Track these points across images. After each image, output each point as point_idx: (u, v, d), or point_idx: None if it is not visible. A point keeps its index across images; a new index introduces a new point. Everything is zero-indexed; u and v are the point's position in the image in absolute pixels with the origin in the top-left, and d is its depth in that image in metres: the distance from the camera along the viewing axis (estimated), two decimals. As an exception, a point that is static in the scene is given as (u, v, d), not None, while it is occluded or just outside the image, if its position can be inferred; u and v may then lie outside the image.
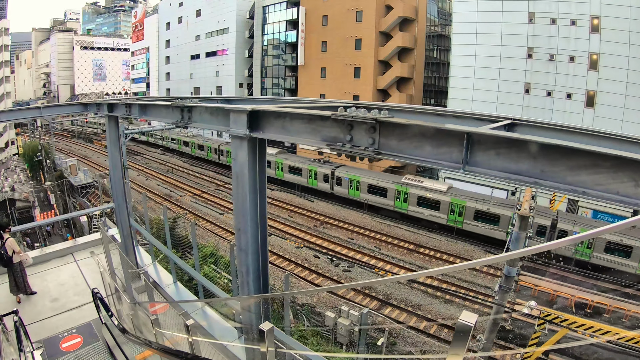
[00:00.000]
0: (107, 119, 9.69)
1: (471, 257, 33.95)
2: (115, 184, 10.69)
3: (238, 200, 5.49)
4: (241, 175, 5.34)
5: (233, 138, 5.28)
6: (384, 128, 3.83)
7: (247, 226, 5.51)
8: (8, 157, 70.05)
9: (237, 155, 5.32)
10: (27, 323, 9.56)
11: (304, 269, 31.45)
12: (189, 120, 6.36)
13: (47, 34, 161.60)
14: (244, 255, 5.68)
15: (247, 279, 5.80)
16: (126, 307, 9.59)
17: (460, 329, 2.70)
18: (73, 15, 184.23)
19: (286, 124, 4.68)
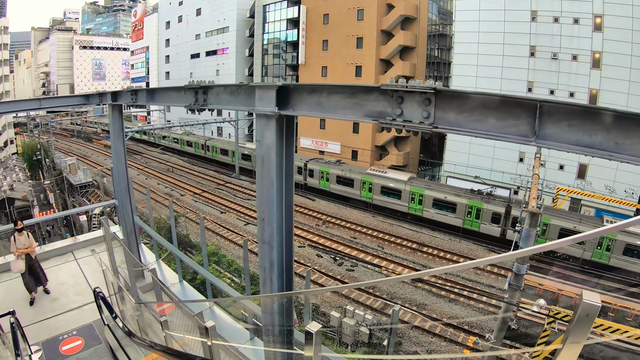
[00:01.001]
0: (111, 108, 9.29)
1: (474, 256, 33.77)
2: (118, 177, 10.24)
3: (263, 186, 5.03)
4: (267, 158, 4.89)
5: (258, 117, 4.84)
6: (440, 100, 3.48)
7: (272, 216, 5.05)
8: (7, 156, 69.66)
9: (264, 136, 4.85)
10: (25, 324, 9.12)
11: (307, 268, 30.94)
12: (204, 103, 5.90)
13: (47, 34, 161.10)
14: (268, 249, 5.21)
15: (270, 275, 5.33)
16: (130, 308, 9.14)
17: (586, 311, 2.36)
18: (72, 14, 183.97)
19: (322, 100, 4.29)
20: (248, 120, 71.82)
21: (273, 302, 5.36)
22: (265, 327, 5.61)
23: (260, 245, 5.33)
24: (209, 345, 5.00)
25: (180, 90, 6.44)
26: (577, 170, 41.55)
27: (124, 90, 8.59)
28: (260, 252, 5.41)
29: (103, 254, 13.14)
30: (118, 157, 10.11)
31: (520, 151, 44.65)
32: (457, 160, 48.95)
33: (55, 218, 42.38)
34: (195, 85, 5.91)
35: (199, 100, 5.98)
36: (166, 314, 8.02)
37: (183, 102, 6.31)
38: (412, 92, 3.56)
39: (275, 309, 5.34)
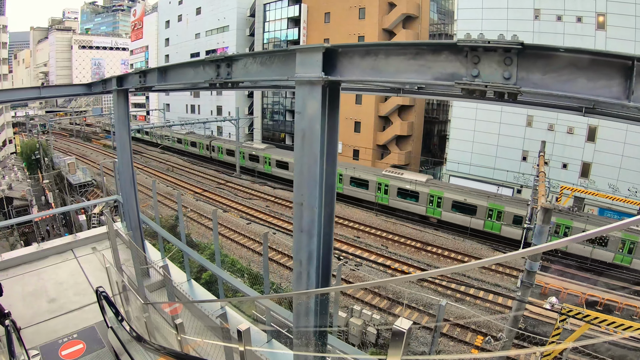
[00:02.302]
0: (116, 94, 8.75)
1: (479, 255, 33.49)
2: (123, 169, 9.68)
3: (302, 165, 4.47)
4: (309, 132, 4.36)
5: (299, 86, 4.30)
6: (523, 59, 3.09)
7: (313, 199, 4.48)
8: (5, 156, 69.18)
9: (306, 106, 4.32)
10: (21, 327, 8.62)
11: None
12: (228, 77, 5.26)
13: (46, 33, 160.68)
14: (306, 239, 4.62)
15: (307, 269, 4.72)
16: (136, 309, 8.57)
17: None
18: (71, 14, 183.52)
19: (379, 63, 3.77)
20: (249, 120, 71.41)
21: (309, 300, 4.76)
22: (298, 329, 4.97)
23: (297, 235, 4.73)
24: (240, 351, 4.30)
25: (198, 66, 5.85)
26: (581, 169, 41.23)
27: (130, 73, 8.02)
28: (296, 243, 4.80)
29: (105, 251, 12.67)
30: (123, 146, 9.56)
31: (524, 150, 44.33)
32: (460, 159, 48.56)
33: (53, 216, 41.96)
34: (217, 57, 5.30)
35: (222, 74, 5.37)
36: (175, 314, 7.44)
37: (202, 79, 5.68)
38: (491, 50, 3.15)
39: (311, 308, 4.74)
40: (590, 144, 40.28)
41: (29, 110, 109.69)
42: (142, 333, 7.43)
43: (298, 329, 4.94)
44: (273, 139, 70.64)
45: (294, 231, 4.83)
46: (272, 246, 33.97)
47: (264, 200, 47.28)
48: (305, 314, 4.82)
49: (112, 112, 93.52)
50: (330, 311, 7.38)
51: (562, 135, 41.83)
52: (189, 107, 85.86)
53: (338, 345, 5.68)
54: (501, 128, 45.14)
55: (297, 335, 5.02)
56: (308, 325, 4.79)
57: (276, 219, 40.52)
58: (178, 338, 5.70)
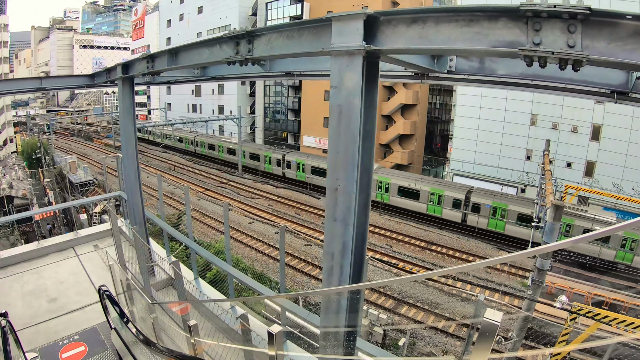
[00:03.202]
0: (121, 82, 8.34)
1: (484, 255, 33.29)
2: (127, 161, 9.31)
3: (338, 146, 4.04)
4: (347, 108, 3.96)
5: (336, 58, 3.93)
6: (586, 27, 2.82)
7: (350, 185, 4.06)
8: (6, 155, 69.00)
9: (343, 79, 3.91)
10: (19, 328, 8.19)
11: (315, 267, 30.38)
12: (249, 54, 4.83)
13: (47, 33, 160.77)
14: (341, 228, 4.19)
15: (341, 262, 4.28)
16: (141, 309, 8.13)
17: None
18: (73, 14, 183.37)
19: (427, 31, 3.42)
20: (251, 119, 71.17)
21: (340, 298, 4.34)
22: (326, 329, 4.54)
23: (330, 225, 4.31)
24: (270, 356, 3.76)
25: (214, 44, 5.43)
26: (585, 168, 40.99)
27: (137, 58, 7.64)
28: (328, 234, 4.38)
29: (107, 249, 12.29)
30: (128, 138, 9.16)
31: (528, 149, 44.10)
32: (464, 158, 48.32)
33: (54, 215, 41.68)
34: (237, 33, 4.89)
35: (242, 52, 4.95)
36: (186, 314, 7.02)
37: (218, 57, 5.28)
38: (554, 17, 2.86)
39: (342, 306, 4.33)
40: (594, 142, 40.04)
41: (30, 110, 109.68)
42: (148, 335, 6.88)
43: (326, 329, 4.51)
44: (275, 138, 70.41)
45: (325, 221, 4.40)
46: (276, 245, 33.72)
47: (267, 199, 46.96)
48: (336, 312, 4.41)
49: (114, 112, 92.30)
50: None
51: (566, 134, 41.59)
52: (191, 106, 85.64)
53: (365, 347, 5.26)
54: (505, 127, 44.89)
55: (324, 337, 4.57)
56: (338, 325, 4.39)
57: (279, 219, 40.15)
58: (192, 341, 5.19)
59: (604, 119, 38.80)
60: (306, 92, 63.53)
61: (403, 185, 41.35)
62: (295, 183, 52.15)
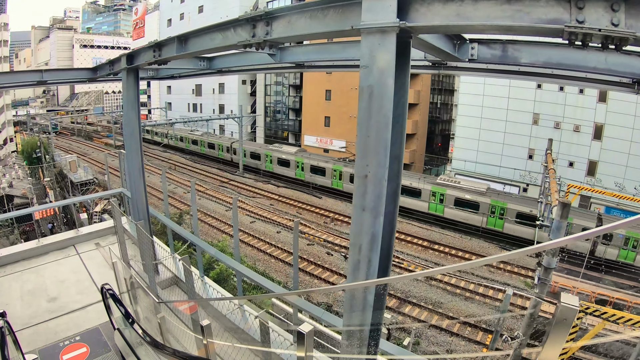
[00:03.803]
0: (125, 74, 8.07)
1: (486, 254, 33.16)
2: (131, 155, 9.03)
3: (369, 129, 3.78)
4: (379, 89, 3.67)
5: (366, 36, 3.65)
6: (629, 6, 2.69)
7: (381, 171, 3.81)
8: (6, 154, 68.85)
9: (375, 58, 3.64)
10: (18, 328, 7.97)
11: (317, 267, 30.24)
12: (267, 36, 4.56)
13: (47, 32, 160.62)
14: (370, 218, 3.94)
15: (368, 255, 4.01)
16: (145, 308, 7.87)
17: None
18: (73, 13, 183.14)
19: (465, 9, 3.22)
20: (252, 118, 71.00)
21: (367, 293, 4.08)
22: (349, 327, 4.25)
23: (358, 215, 4.07)
24: (299, 357, 3.46)
25: (227, 28, 5.19)
26: (587, 167, 40.88)
27: (143, 47, 7.40)
28: (356, 225, 4.14)
29: (109, 247, 12.07)
30: (131, 131, 8.87)
31: (530, 148, 43.99)
32: (465, 157, 48.21)
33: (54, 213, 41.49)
34: (254, 15, 4.63)
35: (259, 34, 4.68)
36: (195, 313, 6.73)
37: (233, 41, 5.02)
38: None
39: (369, 302, 4.08)
40: (596, 142, 39.96)
41: (30, 109, 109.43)
42: (154, 336, 6.61)
43: (349, 328, 4.23)
44: (276, 137, 70.32)
45: (353, 210, 4.16)
46: (278, 245, 33.57)
47: (268, 198, 46.75)
48: (362, 310, 4.16)
49: (114, 112, 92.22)
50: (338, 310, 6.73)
51: (568, 134, 41.50)
52: (191, 105, 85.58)
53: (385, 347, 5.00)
54: (507, 126, 44.80)
55: (347, 336, 4.30)
56: (364, 324, 4.15)
57: (281, 218, 39.93)
58: (204, 342, 4.80)
59: (606, 118, 38.71)
60: (307, 91, 63.44)
61: (405, 184, 40.73)
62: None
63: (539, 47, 5.66)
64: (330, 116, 60.81)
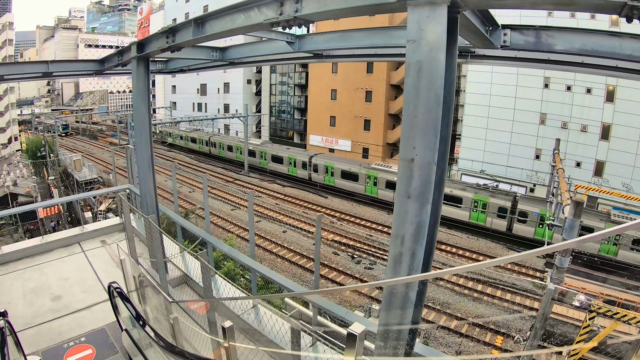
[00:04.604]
0: (135, 63, 7.72)
1: (493, 254, 32.99)
2: (140, 147, 8.67)
3: (418, 108, 3.45)
4: (429, 65, 3.39)
5: (415, 7, 3.35)
6: None
7: (430, 154, 3.50)
8: (11, 153, 68.94)
9: (424, 32, 3.35)
10: (20, 329, 7.61)
11: (324, 267, 29.98)
12: (296, 13, 4.22)
13: (52, 32, 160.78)
14: (416, 207, 3.61)
15: (412, 247, 3.67)
16: (154, 308, 7.51)
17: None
18: (78, 13, 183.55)
19: None
20: (257, 118, 70.82)
21: (408, 289, 3.74)
22: (386, 327, 3.93)
23: (402, 203, 3.71)
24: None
25: (251, 8, 4.82)
26: (594, 168, 40.65)
27: (155, 34, 7.07)
28: (399, 214, 3.79)
29: (115, 245, 11.76)
30: (141, 122, 8.49)
31: (537, 148, 43.74)
32: (472, 157, 47.96)
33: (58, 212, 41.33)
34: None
35: (287, 12, 4.35)
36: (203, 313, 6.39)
37: (258, 20, 4.67)
38: None
39: (410, 299, 3.73)
40: (604, 142, 39.72)
41: (34, 108, 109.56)
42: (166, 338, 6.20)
43: (386, 328, 3.89)
44: (280, 136, 70.19)
45: (396, 198, 3.80)
46: (284, 244, 33.35)
47: (273, 197, 46.51)
48: (401, 307, 3.82)
49: (119, 111, 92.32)
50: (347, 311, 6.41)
51: (575, 134, 41.31)
52: (196, 105, 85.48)
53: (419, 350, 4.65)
54: (514, 126, 44.55)
55: (383, 336, 3.95)
56: (403, 323, 3.84)
57: (286, 217, 39.71)
58: (225, 345, 4.40)
59: (614, 118, 38.47)
60: (312, 91, 63.36)
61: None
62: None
63: (573, 34, 5.41)
64: (335, 116, 60.71)
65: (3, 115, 67.78)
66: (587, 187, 35.68)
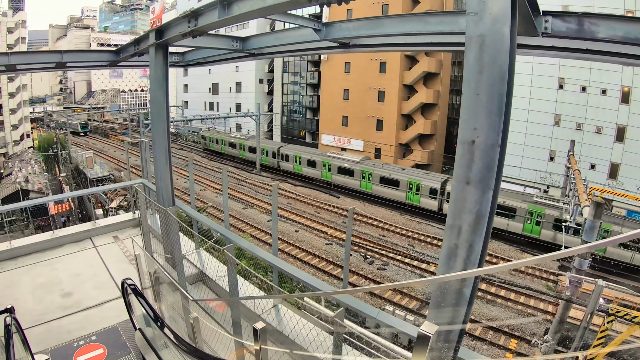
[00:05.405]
0: (154, 51, 7.40)
1: (507, 257, 32.48)
2: (157, 138, 8.32)
3: (480, 86, 3.17)
4: (493, 38, 3.12)
5: None
6: None
7: (493, 135, 3.20)
8: (23, 150, 69.31)
9: (486, 4, 3.05)
10: (28, 326, 7.28)
11: (337, 267, 29.71)
12: None
13: (64, 31, 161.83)
14: (477, 193, 3.30)
15: (470, 238, 3.33)
16: (170, 306, 7.16)
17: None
18: (90, 12, 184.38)
19: None
20: (269, 117, 70.76)
21: (463, 286, 3.42)
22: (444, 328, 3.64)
23: (460, 189, 3.39)
24: None
25: None
26: (609, 170, 40.22)
27: (176, 18, 6.78)
28: (457, 202, 3.46)
29: (127, 241, 11.54)
30: (159, 112, 8.17)
31: (551, 149, 43.33)
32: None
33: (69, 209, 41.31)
34: None
35: None
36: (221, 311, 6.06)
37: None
38: None
39: (465, 296, 3.43)
40: (619, 144, 39.30)
41: (47, 106, 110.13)
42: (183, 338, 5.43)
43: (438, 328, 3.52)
44: (292, 136, 70.11)
45: (453, 184, 3.47)
46: (296, 244, 33.10)
47: (285, 197, 46.27)
48: (454, 305, 3.53)
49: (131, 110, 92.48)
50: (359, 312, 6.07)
51: (590, 135, 40.91)
52: (208, 104, 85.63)
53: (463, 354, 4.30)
54: (528, 127, 44.10)
55: (437, 340, 3.65)
56: (454, 322, 3.57)
57: (297, 216, 39.48)
58: (257, 347, 4.03)
59: (629, 120, 38.03)
60: (325, 90, 63.21)
61: None
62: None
63: (616, 21, 5.09)
64: (347, 115, 60.51)
65: (15, 112, 68.22)
66: (601, 190, 35.30)
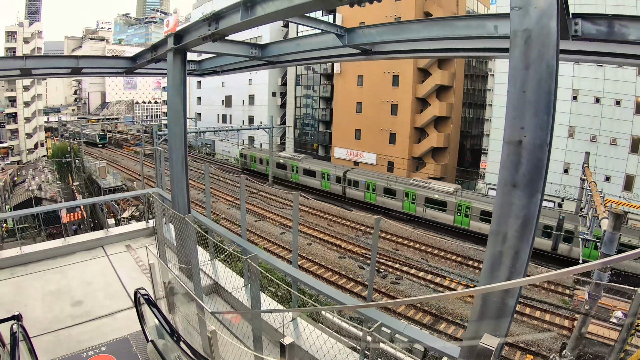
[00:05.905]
0: (172, 55, 7.30)
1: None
2: (174, 145, 8.15)
3: (526, 82, 2.97)
4: (539, 33, 2.95)
5: None
6: None
7: (543, 135, 3.02)
8: (37, 158, 69.89)
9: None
10: (36, 334, 7.10)
11: (349, 280, 29.39)
12: None
13: (79, 42, 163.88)
14: (523, 197, 3.13)
15: (516, 245, 3.14)
16: (183, 318, 6.90)
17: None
18: (105, 24, 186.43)
19: None
20: (281, 130, 70.83)
21: (507, 295, 3.19)
22: (472, 342, 3.28)
23: (506, 193, 3.22)
24: None
25: None
26: (624, 182, 39.83)
27: (196, 21, 6.63)
28: (501, 206, 3.27)
29: (140, 250, 11.39)
30: (176, 119, 8.01)
31: (565, 162, 42.98)
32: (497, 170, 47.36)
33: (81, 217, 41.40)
34: None
35: None
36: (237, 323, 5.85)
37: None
38: None
39: (508, 307, 3.19)
40: (633, 155, 38.96)
41: (61, 116, 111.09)
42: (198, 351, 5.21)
43: (473, 343, 3.26)
44: (305, 149, 70.08)
45: (498, 187, 3.30)
46: (308, 257, 32.83)
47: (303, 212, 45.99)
48: (496, 317, 3.28)
49: (145, 121, 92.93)
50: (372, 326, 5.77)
51: (604, 147, 40.66)
52: (221, 116, 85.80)
53: None
54: (542, 139, 43.81)
55: (468, 352, 3.40)
56: (496, 335, 3.19)
57: (310, 229, 39.26)
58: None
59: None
60: (338, 103, 63.19)
61: None
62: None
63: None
64: (360, 129, 60.40)
65: (30, 121, 68.93)
66: (617, 202, 34.95)
